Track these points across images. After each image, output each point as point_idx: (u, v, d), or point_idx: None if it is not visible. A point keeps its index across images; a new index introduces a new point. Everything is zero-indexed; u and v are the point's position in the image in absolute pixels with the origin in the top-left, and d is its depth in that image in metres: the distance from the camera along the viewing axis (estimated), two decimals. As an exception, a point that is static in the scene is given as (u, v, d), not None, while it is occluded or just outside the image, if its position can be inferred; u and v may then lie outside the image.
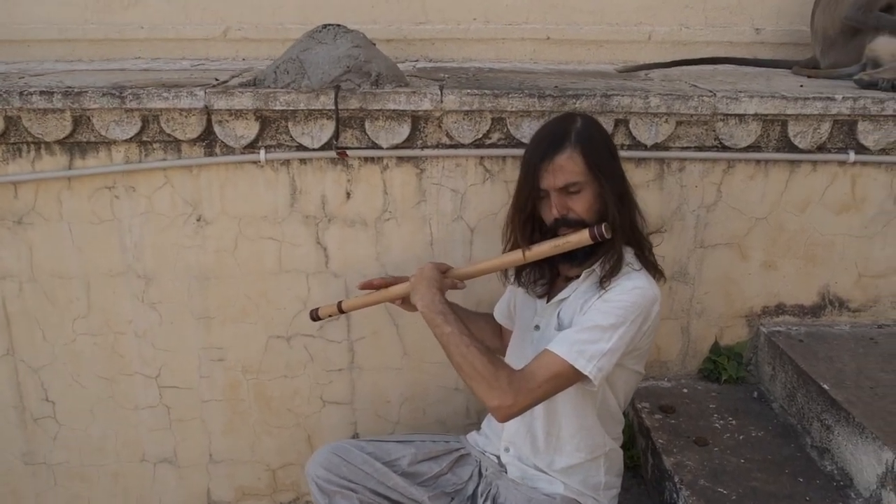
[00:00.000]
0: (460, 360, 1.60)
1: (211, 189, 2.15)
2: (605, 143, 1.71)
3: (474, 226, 2.20)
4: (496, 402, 1.56)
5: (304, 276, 2.23)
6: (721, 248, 2.24)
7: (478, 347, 1.60)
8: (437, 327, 1.66)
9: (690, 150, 2.15)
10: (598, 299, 1.64)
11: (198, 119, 2.06)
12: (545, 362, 1.59)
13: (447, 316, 1.66)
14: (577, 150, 1.64)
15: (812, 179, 2.20)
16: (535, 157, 1.66)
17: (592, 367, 1.56)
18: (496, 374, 1.57)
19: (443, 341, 1.65)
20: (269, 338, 2.28)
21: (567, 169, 1.63)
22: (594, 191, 1.66)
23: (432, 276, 1.75)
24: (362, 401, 2.35)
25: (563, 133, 1.66)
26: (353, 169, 2.15)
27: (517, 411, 1.58)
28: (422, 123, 2.10)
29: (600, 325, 1.58)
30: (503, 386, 1.55)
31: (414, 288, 1.75)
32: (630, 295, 1.61)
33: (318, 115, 2.07)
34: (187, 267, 2.21)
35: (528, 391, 1.56)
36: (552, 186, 1.65)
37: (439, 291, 1.72)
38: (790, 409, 2.11)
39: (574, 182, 1.64)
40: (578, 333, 1.59)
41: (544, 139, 1.68)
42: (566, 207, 1.66)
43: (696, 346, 2.34)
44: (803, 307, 2.31)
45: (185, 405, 2.33)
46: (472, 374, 1.59)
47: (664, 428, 2.07)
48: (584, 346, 1.57)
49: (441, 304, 1.69)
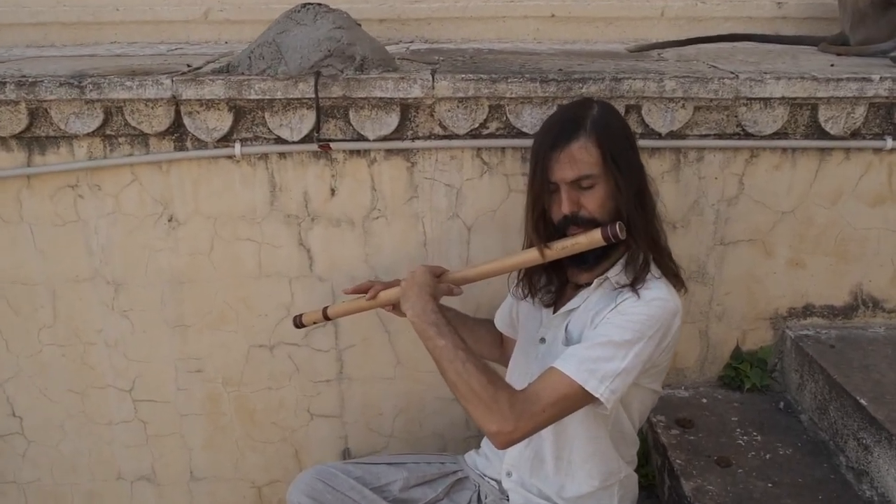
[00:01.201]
0: (455, 377, 1.42)
1: (183, 187, 1.96)
2: (623, 132, 1.53)
3: (471, 224, 2.01)
4: (495, 427, 1.38)
5: (286, 280, 2.05)
6: (743, 244, 2.04)
7: (475, 364, 1.42)
8: (430, 340, 1.47)
9: (710, 138, 1.94)
10: (612, 311, 1.45)
11: (165, 110, 1.87)
12: (551, 382, 1.40)
13: (440, 327, 1.47)
14: (592, 139, 1.45)
15: (844, 168, 1.99)
16: (545, 146, 1.48)
17: (605, 388, 1.37)
18: (495, 396, 1.38)
19: (435, 356, 1.46)
20: (250, 347, 2.10)
21: (580, 160, 1.45)
22: (609, 186, 1.47)
23: (424, 280, 1.56)
24: (353, 413, 2.17)
25: (578, 120, 1.48)
26: (338, 163, 1.95)
27: (518, 437, 1.39)
28: (412, 112, 1.90)
29: (614, 341, 1.39)
30: (503, 409, 1.37)
31: (404, 294, 1.57)
32: (648, 307, 1.42)
33: (297, 104, 1.87)
34: (159, 271, 2.03)
35: (532, 415, 1.37)
36: (563, 179, 1.46)
37: (432, 299, 1.53)
38: (821, 424, 1.91)
39: (587, 175, 1.45)
40: (589, 350, 1.40)
41: (556, 126, 1.50)
42: (577, 204, 1.47)
43: (716, 352, 2.14)
44: (834, 308, 2.11)
45: (162, 420, 2.16)
46: (467, 395, 1.40)
47: (682, 445, 1.88)
48: (595, 365, 1.38)
49: (434, 313, 1.50)
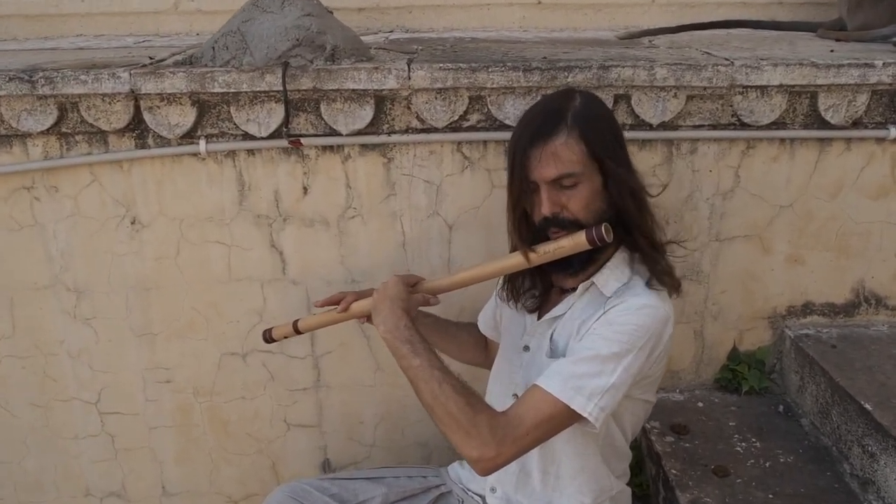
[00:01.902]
0: (430, 400, 1.30)
1: (145, 187, 1.85)
2: (609, 126, 1.40)
3: (453, 222, 1.90)
4: (476, 454, 1.26)
5: (258, 284, 1.93)
6: (739, 240, 1.94)
7: (452, 385, 1.30)
8: (403, 359, 1.36)
9: (704, 129, 1.83)
10: (598, 321, 1.35)
11: (123, 106, 1.76)
12: (535, 403, 1.29)
13: (415, 345, 1.36)
14: (574, 133, 1.33)
15: (845, 160, 1.88)
16: (523, 142, 1.36)
17: (593, 406, 1.27)
18: (475, 419, 1.26)
19: (409, 376, 1.35)
20: (221, 355, 1.99)
21: (561, 157, 1.32)
22: (593, 185, 1.35)
23: (396, 293, 1.44)
24: (332, 423, 2.07)
25: (558, 112, 1.35)
26: (310, 159, 1.84)
27: (501, 463, 1.28)
28: (387, 105, 1.79)
29: (601, 355, 1.28)
30: (483, 434, 1.25)
31: (375, 308, 1.45)
32: (637, 316, 1.31)
33: (264, 97, 1.76)
34: (123, 277, 1.91)
35: (515, 440, 1.26)
36: (542, 178, 1.34)
37: (405, 314, 1.41)
38: (823, 429, 1.81)
39: (569, 173, 1.33)
40: (575, 365, 1.29)
41: (534, 119, 1.38)
42: (559, 204, 1.36)
43: (712, 353, 2.04)
44: (834, 306, 2.01)
45: (130, 433, 2.05)
46: (444, 419, 1.29)
47: (677, 454, 1.78)
48: (581, 382, 1.27)
49: (407, 329, 1.38)
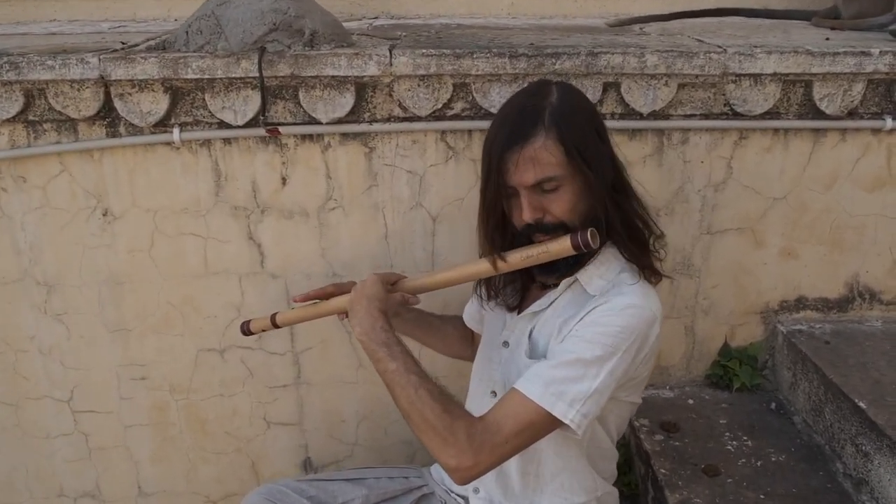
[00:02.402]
0: (407, 405, 1.24)
1: (117, 177, 1.78)
2: (589, 121, 1.31)
3: (437, 214, 1.84)
4: (453, 462, 1.20)
5: (235, 277, 1.87)
6: (731, 233, 1.88)
7: (429, 390, 1.24)
8: (379, 362, 1.29)
9: (695, 119, 1.78)
10: (580, 322, 1.28)
11: (93, 92, 1.68)
12: (514, 409, 1.23)
13: (391, 348, 1.29)
14: (552, 135, 1.24)
15: (840, 151, 1.83)
16: (499, 145, 1.26)
17: (574, 413, 1.21)
18: (451, 426, 1.20)
19: (386, 380, 1.28)
20: (198, 351, 1.93)
21: (540, 161, 1.24)
22: (576, 186, 1.27)
23: (374, 293, 1.38)
24: (312, 420, 2.01)
25: (534, 112, 1.26)
26: (289, 149, 1.77)
27: (479, 472, 1.22)
28: (368, 92, 1.73)
29: (583, 359, 1.22)
30: (461, 441, 1.19)
31: (351, 308, 1.38)
32: (621, 317, 1.25)
33: (240, 84, 1.69)
34: (96, 270, 1.85)
35: (493, 447, 1.21)
36: (522, 184, 1.26)
37: (382, 315, 1.34)
38: (816, 427, 1.77)
39: (549, 177, 1.25)
40: (556, 369, 1.23)
41: (509, 121, 1.28)
42: (540, 209, 1.28)
43: (703, 349, 1.99)
44: (828, 301, 1.96)
45: (105, 432, 1.99)
46: (421, 425, 1.22)
47: (667, 453, 1.73)
48: (563, 387, 1.21)
49: (384, 331, 1.31)
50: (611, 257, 1.36)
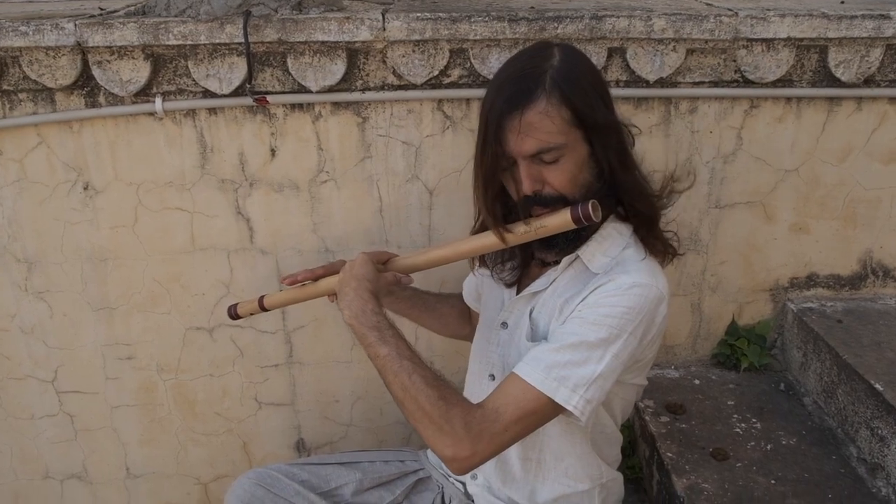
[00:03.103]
0: (400, 392, 1.16)
1: (98, 149, 1.70)
2: (593, 84, 1.20)
3: (434, 187, 1.76)
4: (450, 452, 1.13)
5: (224, 253, 1.80)
6: (741, 207, 1.81)
7: (423, 376, 1.16)
8: (370, 347, 1.21)
9: (704, 86, 1.69)
10: (583, 302, 1.20)
11: (70, 60, 1.60)
12: (514, 395, 1.15)
13: (382, 332, 1.21)
14: (554, 99, 1.15)
15: (855, 121, 1.75)
16: (496, 112, 1.17)
17: (578, 399, 1.14)
18: (447, 414, 1.13)
19: (378, 366, 1.20)
20: (186, 330, 1.86)
21: (541, 128, 1.15)
22: (578, 155, 1.19)
23: (363, 273, 1.30)
24: (305, 401, 1.94)
25: (535, 75, 1.16)
26: (277, 119, 1.69)
27: (478, 462, 1.15)
28: (361, 59, 1.64)
29: (587, 342, 1.15)
30: (457, 430, 1.12)
31: (340, 290, 1.30)
32: (626, 297, 1.17)
33: (225, 50, 1.60)
34: (77, 247, 1.77)
35: (492, 436, 1.13)
36: (521, 153, 1.17)
37: (372, 297, 1.26)
38: (828, 409, 1.70)
39: (551, 147, 1.16)
40: (558, 353, 1.15)
41: (508, 85, 1.18)
42: (540, 181, 1.19)
43: (710, 327, 1.92)
44: (840, 278, 1.88)
45: (91, 413, 1.93)
46: (415, 413, 1.15)
47: (673, 435, 1.67)
48: (565, 371, 1.14)
49: (374, 314, 1.23)
50: (614, 233, 1.28)
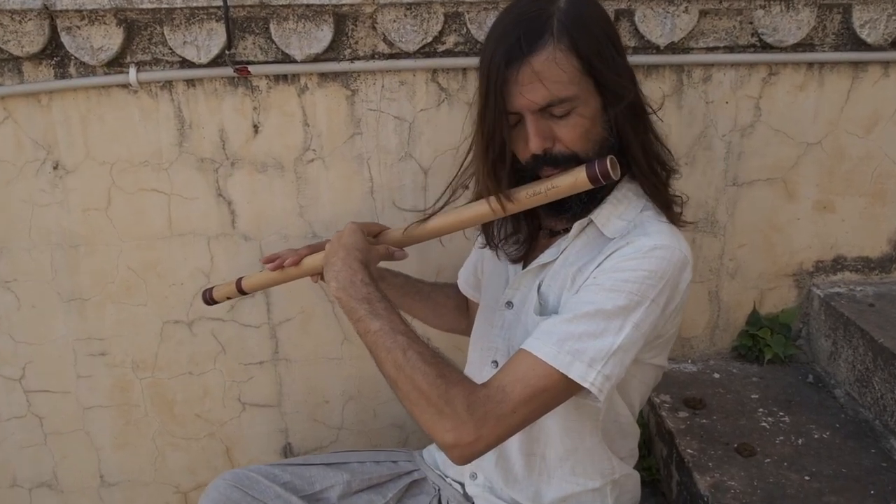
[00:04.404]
0: (394, 371, 1.02)
1: (69, 124, 1.58)
2: (605, 30, 1.08)
3: (429, 166, 1.64)
4: (450, 438, 0.98)
5: (203, 239, 1.67)
6: (760, 185, 1.68)
7: (419, 352, 1.02)
8: (360, 322, 1.07)
9: (719, 52, 1.58)
10: (598, 268, 1.07)
11: (36, 25, 1.49)
12: (522, 372, 1.01)
13: (374, 304, 1.07)
14: (562, 45, 1.02)
15: (883, 87, 1.62)
16: (498, 61, 1.04)
17: (595, 375, 0.99)
18: (447, 394, 0.98)
19: (368, 343, 1.06)
20: (164, 323, 1.73)
21: (549, 78, 1.02)
22: (590, 108, 1.06)
23: (353, 242, 1.17)
24: (293, 402, 1.80)
25: (540, 19, 1.04)
26: (260, 92, 1.58)
27: (482, 449, 1.00)
28: (349, 25, 1.53)
29: (604, 310, 1.01)
30: (459, 412, 0.97)
31: (327, 261, 1.16)
32: (647, 260, 1.03)
33: (202, 14, 1.49)
34: (46, 231, 1.65)
35: (498, 418, 0.99)
36: (527, 107, 1.05)
37: (362, 267, 1.13)
38: (863, 399, 1.55)
39: (561, 98, 1.03)
40: (571, 323, 1.01)
41: (510, 30, 1.05)
42: (549, 137, 1.07)
43: (729, 317, 1.78)
44: (869, 260, 1.75)
45: (61, 414, 1.79)
46: (410, 394, 1.00)
47: (693, 431, 1.52)
48: (580, 344, 1.00)
49: (364, 285, 1.10)
50: (630, 194, 1.15)
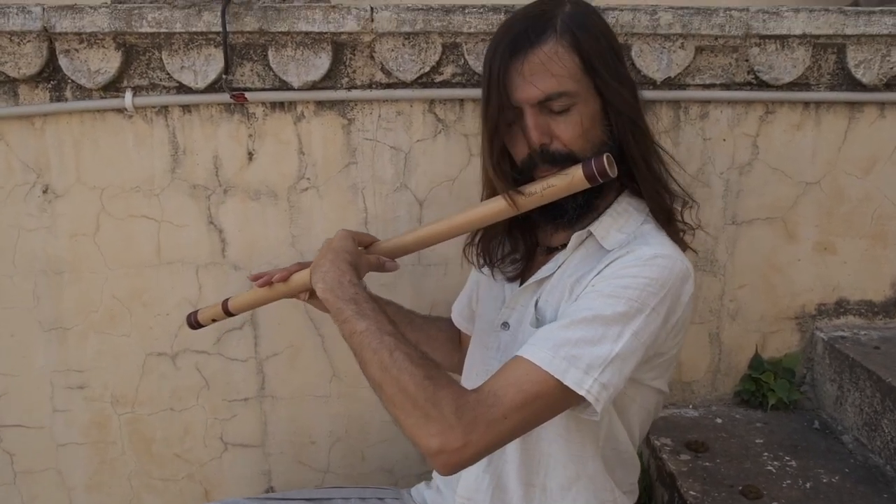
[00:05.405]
0: (379, 373, 0.97)
1: (61, 149, 1.57)
2: (607, 37, 1.10)
3: (424, 197, 1.62)
4: (436, 443, 0.91)
5: (192, 268, 1.63)
6: (760, 224, 1.66)
7: (407, 353, 0.97)
8: (345, 323, 1.03)
9: (716, 89, 1.58)
10: (597, 276, 1.04)
11: (35, 47, 1.49)
12: (516, 377, 0.96)
13: (360, 305, 1.04)
14: (565, 40, 1.04)
15: (879, 129, 1.62)
16: (501, 53, 1.06)
17: (592, 382, 0.94)
18: (435, 397, 0.93)
19: (353, 344, 1.02)
20: (146, 355, 1.67)
21: (550, 71, 1.03)
22: (590, 108, 1.06)
23: (342, 246, 1.14)
24: (277, 442, 1.72)
25: (544, 18, 1.06)
26: (256, 119, 1.57)
27: (470, 457, 0.93)
28: (347, 54, 1.54)
29: (602, 316, 0.97)
30: (446, 415, 0.91)
31: (315, 265, 1.13)
32: (648, 267, 1.01)
33: (201, 40, 1.50)
34: (31, 257, 1.61)
35: (489, 424, 0.93)
36: (527, 99, 1.05)
37: (351, 268, 1.10)
38: (872, 444, 1.49)
39: (561, 92, 1.03)
40: (568, 330, 0.97)
41: (515, 27, 1.08)
42: (548, 133, 1.06)
43: (731, 360, 1.73)
44: (872, 304, 1.71)
45: (33, 451, 1.70)
46: (396, 397, 0.95)
47: (695, 473, 1.45)
48: (576, 350, 0.95)
49: (351, 285, 1.06)
50: (630, 209, 1.13)
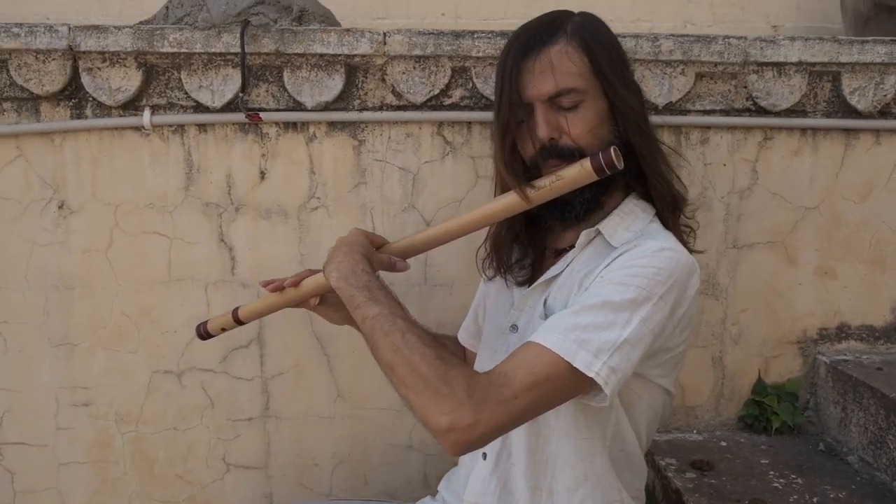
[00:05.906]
0: (391, 355, 0.99)
1: (79, 165, 1.61)
2: (615, 46, 1.17)
3: (431, 217, 1.65)
4: (446, 420, 0.93)
5: (201, 285, 1.65)
6: (760, 248, 1.69)
7: (419, 335, 1.00)
8: (358, 309, 1.05)
9: (716, 115, 1.63)
10: (606, 268, 1.07)
11: (59, 65, 1.55)
12: (527, 359, 0.98)
13: (373, 291, 1.06)
14: (575, 42, 1.11)
15: (875, 155, 1.67)
16: (514, 53, 1.12)
17: (601, 365, 0.96)
18: (446, 376, 0.95)
19: (366, 330, 1.04)
20: (153, 373, 1.67)
21: (560, 68, 1.10)
22: (598, 107, 1.12)
23: (356, 240, 1.17)
24: (280, 464, 1.71)
25: (556, 24, 1.14)
26: (269, 139, 1.61)
27: (479, 436, 0.94)
28: (360, 75, 1.59)
29: (611, 302, 0.99)
30: (457, 393, 0.93)
31: (329, 260, 1.16)
32: (656, 258, 1.04)
33: (220, 60, 1.56)
34: (44, 272, 1.63)
35: (499, 403, 0.94)
36: (538, 95, 1.10)
37: (364, 259, 1.13)
38: (878, 462, 1.49)
39: (570, 88, 1.09)
40: (578, 315, 0.99)
41: (527, 30, 1.15)
42: (557, 128, 1.11)
43: (734, 385, 1.73)
44: (873, 329, 1.73)
45: (35, 470, 1.69)
46: (407, 378, 0.97)
47: (702, 489, 1.44)
48: (586, 334, 0.97)
49: (365, 273, 1.10)
50: (637, 210, 1.17)
